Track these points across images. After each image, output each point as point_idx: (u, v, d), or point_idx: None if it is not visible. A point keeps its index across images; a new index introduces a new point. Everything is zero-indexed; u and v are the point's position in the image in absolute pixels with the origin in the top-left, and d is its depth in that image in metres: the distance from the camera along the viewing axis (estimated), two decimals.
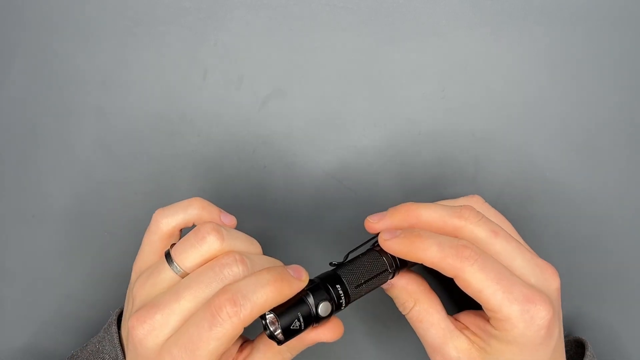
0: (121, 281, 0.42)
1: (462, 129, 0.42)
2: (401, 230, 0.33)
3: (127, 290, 0.37)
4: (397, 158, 0.42)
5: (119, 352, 0.35)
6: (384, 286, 0.36)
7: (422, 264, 0.33)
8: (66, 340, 0.45)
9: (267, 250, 0.35)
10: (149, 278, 0.34)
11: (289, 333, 0.31)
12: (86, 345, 0.37)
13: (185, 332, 0.30)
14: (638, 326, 0.42)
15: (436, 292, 0.36)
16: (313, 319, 0.32)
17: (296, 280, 0.32)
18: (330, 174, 0.43)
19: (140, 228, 0.37)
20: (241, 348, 0.36)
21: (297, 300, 0.32)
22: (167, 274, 0.33)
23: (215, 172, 0.43)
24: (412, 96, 0.42)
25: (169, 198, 0.42)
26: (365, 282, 0.34)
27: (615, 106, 0.41)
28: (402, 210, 0.34)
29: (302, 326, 0.32)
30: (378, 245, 0.35)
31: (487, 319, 0.33)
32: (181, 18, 0.43)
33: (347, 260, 0.35)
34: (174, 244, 0.34)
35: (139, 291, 0.34)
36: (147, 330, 0.31)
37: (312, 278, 0.34)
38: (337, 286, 0.33)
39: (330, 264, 0.35)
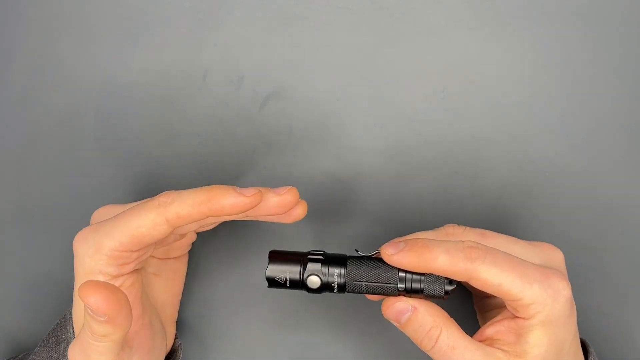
0: None
1: (462, 129, 0.42)
2: (404, 241, 0.33)
3: None
4: (397, 158, 0.42)
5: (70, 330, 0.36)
6: (398, 323, 0.34)
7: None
8: None
9: (266, 249, 0.35)
10: None
11: (272, 282, 0.33)
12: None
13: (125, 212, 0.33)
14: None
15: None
16: (299, 283, 0.33)
17: (233, 191, 0.32)
18: (330, 174, 0.43)
19: None
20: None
21: (295, 259, 0.33)
22: None
23: (215, 172, 0.43)
24: (412, 96, 0.42)
25: None
26: (365, 282, 0.33)
27: (616, 106, 0.41)
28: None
29: (287, 283, 0.33)
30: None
31: (512, 317, 0.33)
32: (181, 18, 0.43)
33: (368, 255, 0.34)
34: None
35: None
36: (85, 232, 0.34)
37: (324, 252, 0.34)
38: (339, 269, 0.34)
39: (356, 250, 0.35)
